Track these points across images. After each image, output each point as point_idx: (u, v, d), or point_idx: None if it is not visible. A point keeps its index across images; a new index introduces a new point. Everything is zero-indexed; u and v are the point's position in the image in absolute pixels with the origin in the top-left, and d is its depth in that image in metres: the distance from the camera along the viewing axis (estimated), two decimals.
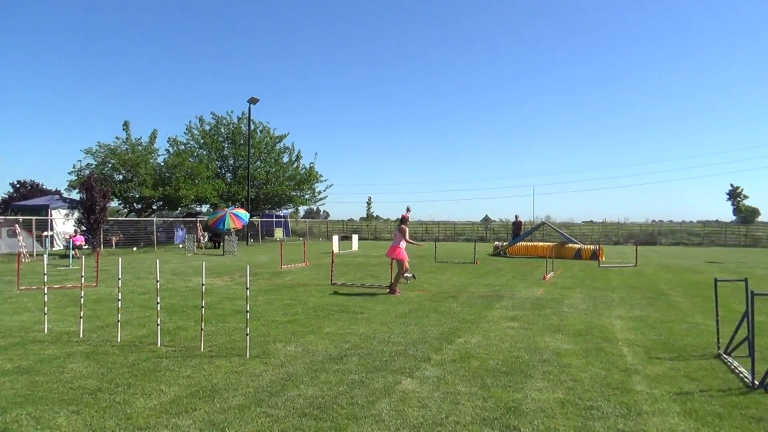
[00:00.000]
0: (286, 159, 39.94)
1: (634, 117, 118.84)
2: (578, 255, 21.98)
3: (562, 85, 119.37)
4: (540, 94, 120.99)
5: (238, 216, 25.85)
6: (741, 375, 5.35)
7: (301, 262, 18.82)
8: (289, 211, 46.16)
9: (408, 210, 11.93)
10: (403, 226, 11.50)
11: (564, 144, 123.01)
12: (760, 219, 69.45)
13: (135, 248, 27.18)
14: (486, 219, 53.98)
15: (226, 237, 24.59)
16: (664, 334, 7.39)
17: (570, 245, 23.14)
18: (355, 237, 30.44)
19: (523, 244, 24.48)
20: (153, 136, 32.87)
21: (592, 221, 53.69)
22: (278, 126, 66.22)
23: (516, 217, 29.35)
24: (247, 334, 6.12)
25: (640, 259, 20.67)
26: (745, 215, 72.28)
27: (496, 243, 27.28)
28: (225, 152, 38.67)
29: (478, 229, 48.53)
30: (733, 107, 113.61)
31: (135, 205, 33.13)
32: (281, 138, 39.63)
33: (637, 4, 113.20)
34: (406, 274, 11.67)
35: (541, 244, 24.77)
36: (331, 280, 12.92)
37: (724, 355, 6.06)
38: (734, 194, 75.94)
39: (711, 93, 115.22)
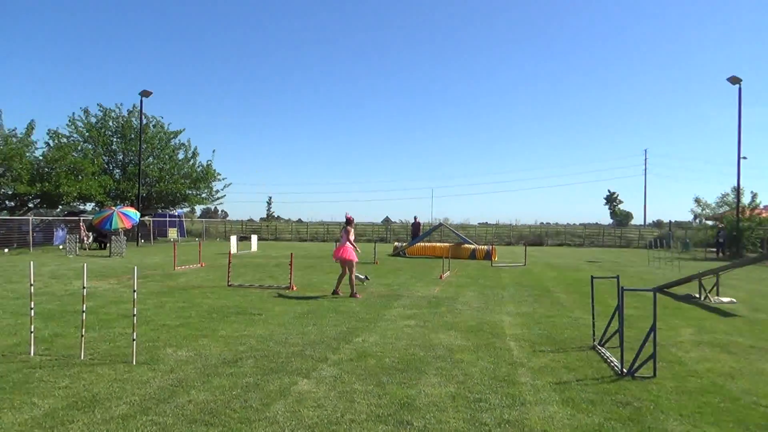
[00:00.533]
0: (181, 156, 38.11)
1: (525, 126, 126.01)
2: (473, 255, 22.92)
3: (459, 93, 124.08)
4: (439, 99, 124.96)
5: (126, 215, 24.36)
6: (612, 364, 5.84)
7: (196, 263, 18.09)
8: (184, 210, 44.17)
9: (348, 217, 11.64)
10: (348, 227, 11.29)
11: (461, 149, 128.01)
12: (632, 222, 76.20)
13: (6, 249, 24.78)
14: (387, 220, 54.89)
15: (114, 237, 23.08)
16: (548, 328, 7.90)
17: (466, 246, 24.08)
18: (254, 237, 29.73)
19: (422, 244, 25.14)
20: (30, 128, 30.10)
21: (486, 223, 56.12)
22: (173, 122, 63.10)
23: (415, 218, 30.13)
24: (133, 340, 5.78)
25: (529, 259, 21.94)
26: (620, 218, 79.01)
27: (396, 243, 27.80)
28: (113, 147, 36.21)
29: (379, 229, 49.19)
30: (610, 119, 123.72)
31: (7, 202, 30.22)
32: (176, 134, 37.79)
33: (524, 24, 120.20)
34: (358, 275, 11.35)
35: (438, 244, 25.55)
36: (228, 282, 12.54)
37: (599, 347, 6.59)
38: (611, 199, 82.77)
39: (592, 105, 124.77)
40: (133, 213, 25.11)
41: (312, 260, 21.04)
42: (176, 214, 41.18)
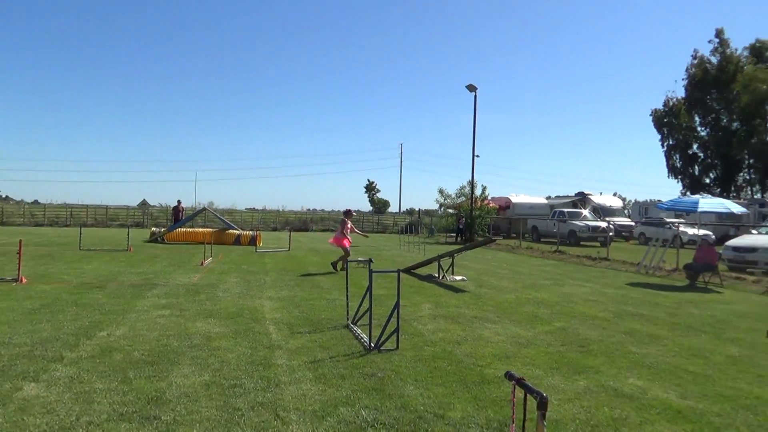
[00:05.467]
0: None
1: (292, 112, 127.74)
2: (238, 241, 22.54)
3: (219, 76, 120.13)
4: (203, 78, 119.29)
5: None
6: (362, 340, 6.32)
7: None
8: None
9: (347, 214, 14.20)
10: (345, 219, 13.78)
11: (227, 132, 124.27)
12: (389, 209, 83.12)
13: None
14: (143, 203, 50.56)
15: None
16: (307, 310, 8.19)
17: (230, 231, 23.55)
18: None
19: (183, 230, 23.83)
20: None
21: (254, 208, 55.71)
22: None
23: (179, 202, 28.44)
24: None
25: (294, 244, 22.40)
26: (379, 206, 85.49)
27: (154, 229, 25.89)
28: None
29: (135, 214, 45.19)
30: (370, 114, 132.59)
31: None
32: None
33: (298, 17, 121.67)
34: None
35: (201, 230, 24.50)
36: None
37: (352, 325, 7.06)
38: (370, 188, 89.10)
39: (354, 99, 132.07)
40: None
41: (51, 248, 18.41)
42: None
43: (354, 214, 14.87)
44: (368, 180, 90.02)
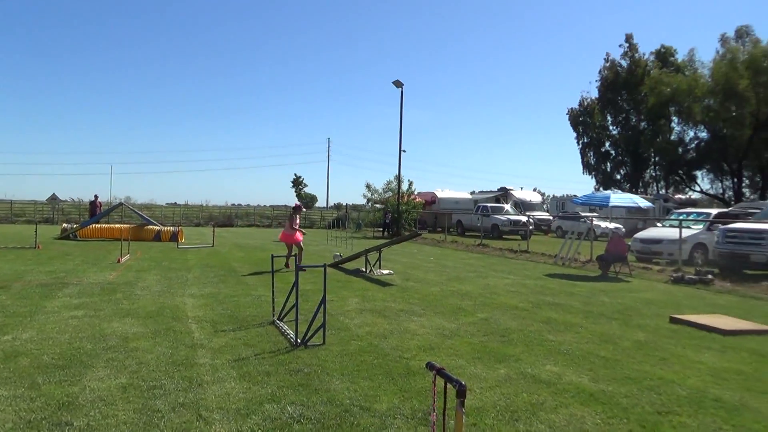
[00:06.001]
0: None
1: (216, 105, 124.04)
2: (158, 237, 21.66)
3: (136, 65, 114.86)
4: (121, 69, 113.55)
5: None
6: (288, 336, 6.26)
7: None
8: None
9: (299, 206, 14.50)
10: (294, 214, 13.58)
11: (146, 123, 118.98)
12: (317, 204, 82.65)
13: None
14: (53, 198, 47.40)
15: None
16: (231, 307, 8.00)
17: (150, 227, 22.61)
18: None
19: (98, 225, 22.62)
20: None
21: (175, 203, 53.59)
22: None
23: (96, 197, 27.00)
24: None
25: (218, 240, 21.79)
26: (306, 201, 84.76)
27: (65, 225, 24.39)
28: None
29: (44, 209, 42.36)
30: (297, 108, 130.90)
31: None
32: None
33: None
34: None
35: (117, 225, 23.34)
36: None
37: (278, 321, 6.97)
38: (297, 182, 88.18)
39: (279, 92, 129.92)
40: None
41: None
42: None
43: (304, 210, 14.89)
44: (295, 174, 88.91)
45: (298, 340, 5.93)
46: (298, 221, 13.52)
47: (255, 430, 3.71)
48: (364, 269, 12.64)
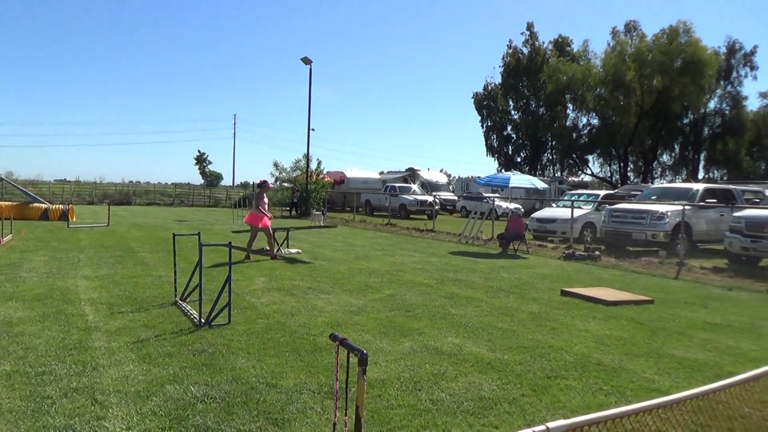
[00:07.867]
0: None
1: (112, 73, 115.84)
2: (45, 215, 20.11)
3: (25, 23, 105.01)
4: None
5: None
6: (192, 316, 6.09)
7: None
8: None
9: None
10: (261, 192, 11.36)
11: (28, 91, 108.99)
12: (222, 183, 79.90)
13: None
14: None
15: None
16: (129, 289, 7.63)
17: (36, 205, 20.94)
18: None
19: None
20: None
21: (65, 180, 49.96)
22: None
23: None
24: None
25: (114, 219, 20.56)
26: (211, 179, 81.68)
27: None
28: None
29: None
30: (201, 81, 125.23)
31: None
32: None
33: None
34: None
35: None
36: None
37: (180, 302, 6.75)
38: (201, 159, 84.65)
39: (182, 64, 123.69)
40: None
41: None
42: None
43: (271, 186, 12.24)
44: (199, 151, 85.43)
45: (202, 320, 5.79)
46: (266, 201, 11.34)
47: (156, 411, 3.61)
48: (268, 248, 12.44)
